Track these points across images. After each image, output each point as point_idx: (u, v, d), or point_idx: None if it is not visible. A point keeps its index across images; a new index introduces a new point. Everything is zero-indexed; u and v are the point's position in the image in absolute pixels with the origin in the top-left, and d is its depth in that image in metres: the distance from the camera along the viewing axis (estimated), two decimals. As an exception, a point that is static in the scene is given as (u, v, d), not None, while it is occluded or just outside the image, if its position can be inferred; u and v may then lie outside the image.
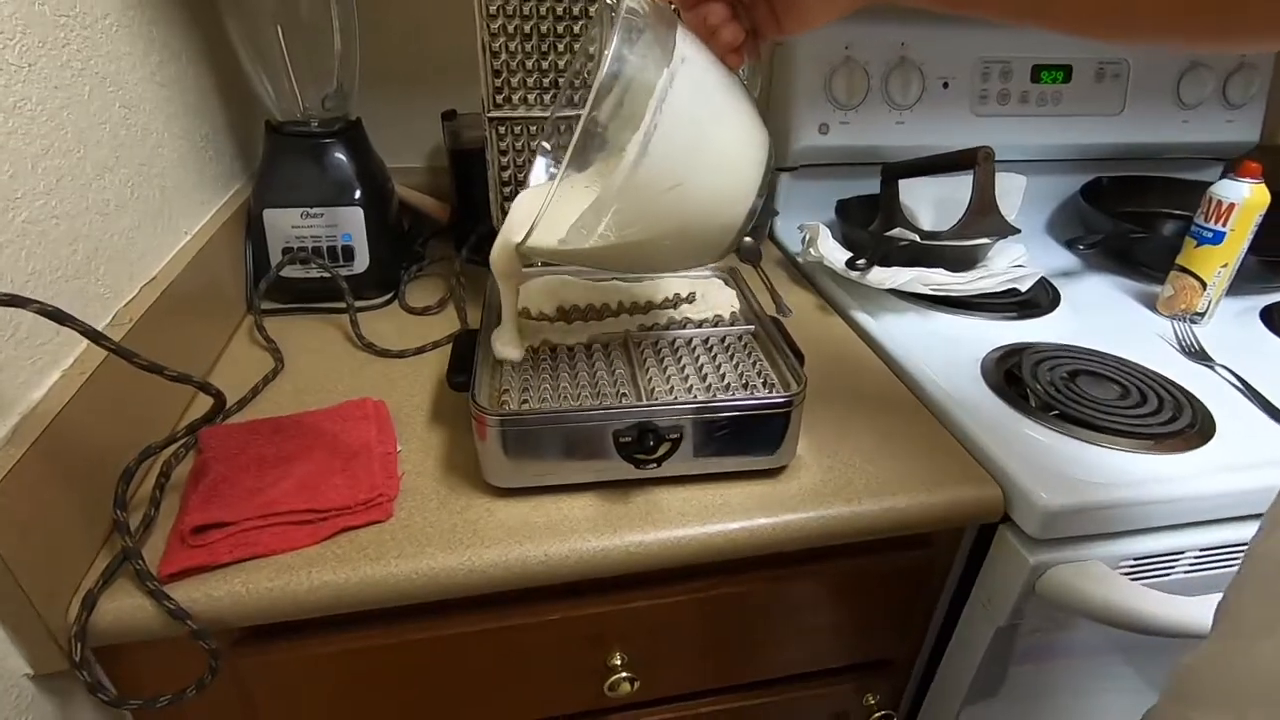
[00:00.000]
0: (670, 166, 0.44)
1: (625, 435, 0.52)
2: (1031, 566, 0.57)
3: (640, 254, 0.51)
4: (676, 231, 0.48)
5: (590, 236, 0.46)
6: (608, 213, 0.45)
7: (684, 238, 0.48)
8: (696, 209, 0.47)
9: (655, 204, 0.45)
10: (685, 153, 0.44)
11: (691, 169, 0.45)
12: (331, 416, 0.61)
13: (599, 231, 0.46)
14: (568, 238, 0.47)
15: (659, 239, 0.48)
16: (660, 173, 0.44)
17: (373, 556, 0.49)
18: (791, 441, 0.56)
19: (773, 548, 0.54)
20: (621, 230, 0.46)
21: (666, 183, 0.44)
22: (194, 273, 0.68)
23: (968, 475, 0.59)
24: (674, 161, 0.44)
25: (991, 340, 0.77)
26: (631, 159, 0.42)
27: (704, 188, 0.46)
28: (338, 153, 0.80)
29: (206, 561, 0.47)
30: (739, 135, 0.47)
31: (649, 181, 0.44)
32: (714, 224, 0.48)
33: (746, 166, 0.47)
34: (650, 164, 0.43)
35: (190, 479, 0.54)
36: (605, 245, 0.47)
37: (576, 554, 0.51)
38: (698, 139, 0.45)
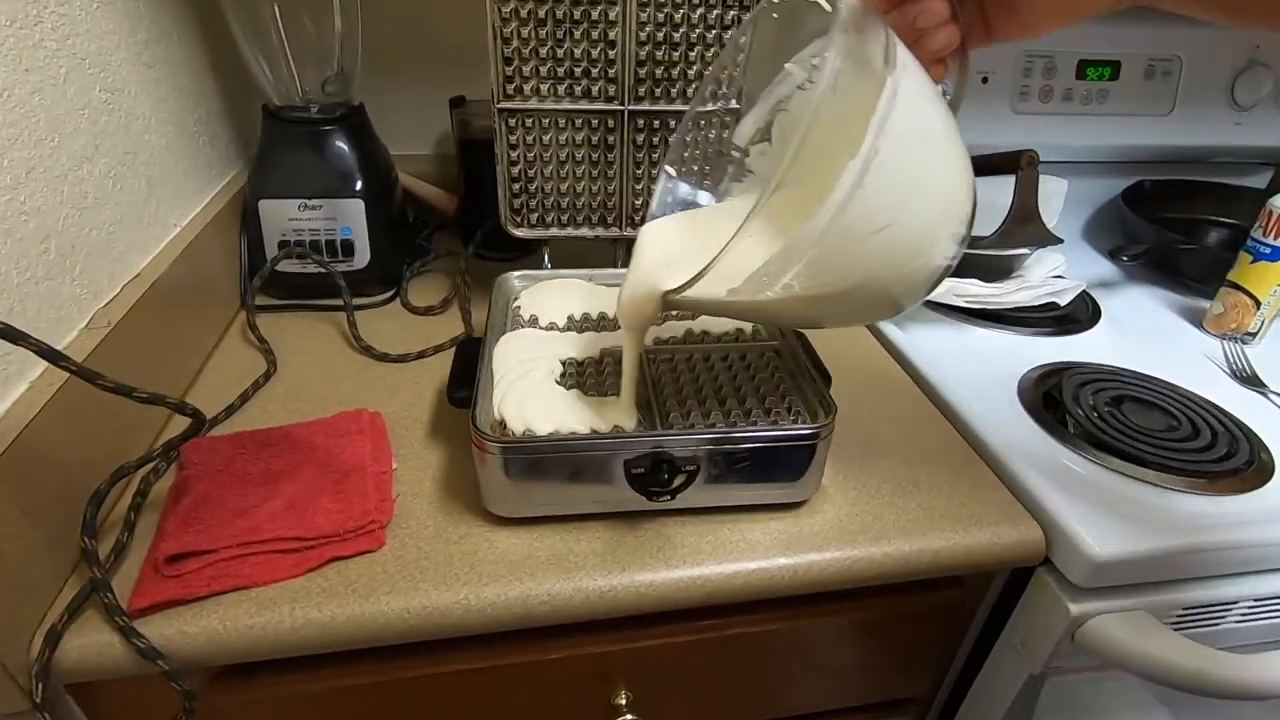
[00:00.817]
0: (886, 202, 0.36)
1: (637, 466, 0.48)
2: (1073, 617, 0.52)
3: (819, 309, 0.42)
4: (875, 281, 0.39)
5: (770, 287, 0.38)
6: (800, 260, 0.36)
7: (880, 289, 0.40)
8: (904, 253, 0.38)
9: (858, 248, 0.37)
10: (905, 185, 0.36)
11: (907, 205, 0.37)
12: (324, 430, 0.57)
13: (783, 282, 0.37)
14: (743, 287, 0.38)
15: (851, 291, 0.39)
16: (872, 210, 0.35)
17: (361, 592, 0.45)
18: (816, 474, 0.52)
19: (794, 590, 0.50)
20: (810, 280, 0.38)
21: (878, 222, 0.36)
22: (183, 268, 0.64)
23: (1006, 513, 0.54)
24: (892, 196, 0.36)
25: (1027, 358, 0.73)
26: (843, 194, 0.34)
27: (916, 228, 0.38)
28: (338, 141, 0.75)
29: (181, 595, 0.44)
30: (957, 162, 0.38)
31: (858, 221, 0.35)
32: (919, 271, 0.40)
33: (962, 200, 0.39)
34: (864, 199, 0.34)
35: (169, 497, 0.50)
36: (783, 298, 0.39)
37: (582, 594, 0.47)
38: (920, 168, 0.37)
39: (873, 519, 0.53)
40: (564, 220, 0.73)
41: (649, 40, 0.66)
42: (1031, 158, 0.75)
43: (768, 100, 0.50)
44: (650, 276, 0.46)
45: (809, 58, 0.46)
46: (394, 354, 0.69)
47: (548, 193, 0.71)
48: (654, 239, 0.50)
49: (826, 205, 0.34)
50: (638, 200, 0.72)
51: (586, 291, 0.67)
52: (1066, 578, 0.52)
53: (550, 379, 0.54)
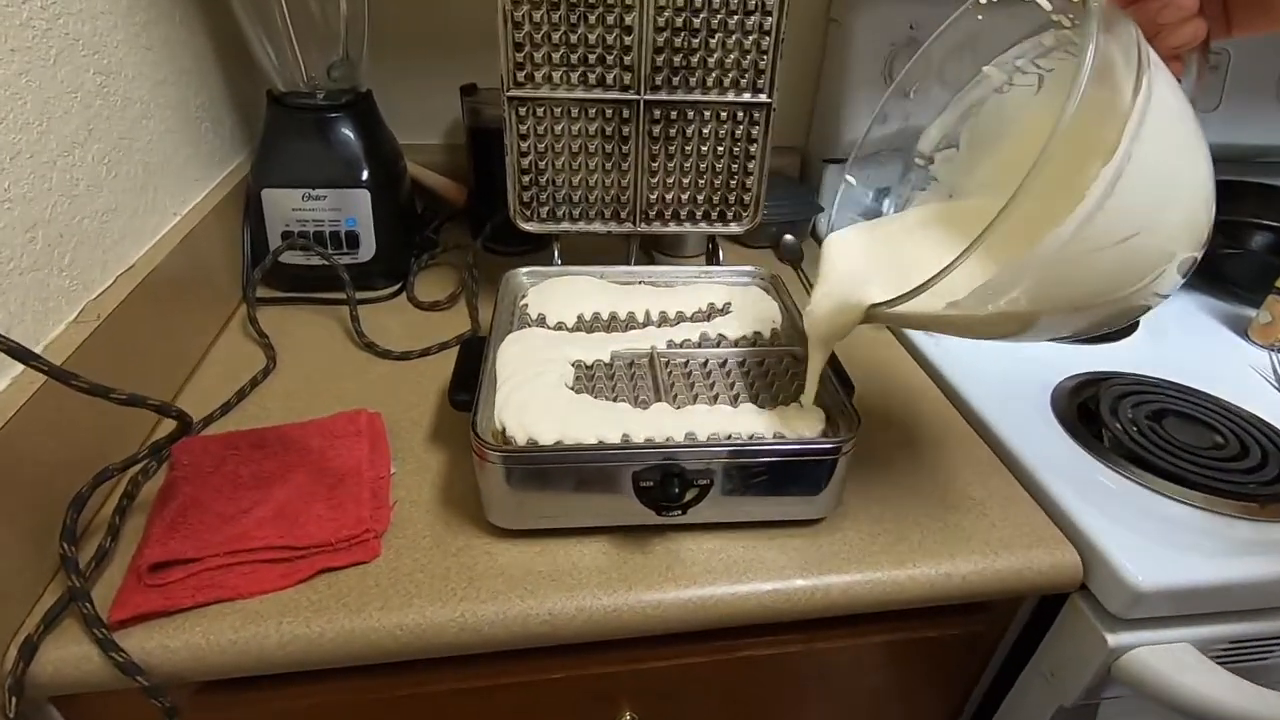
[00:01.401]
0: (1136, 209, 0.33)
1: (647, 479, 0.45)
2: (1110, 648, 0.49)
3: (1036, 323, 0.39)
4: (1110, 292, 0.36)
5: (994, 301, 0.36)
6: (1032, 274, 0.34)
7: (1115, 300, 0.37)
8: (1147, 263, 0.35)
9: (1097, 260, 0.34)
10: (1156, 191, 0.34)
11: (1156, 212, 0.34)
12: (320, 431, 0.54)
13: (1009, 296, 0.36)
14: (965, 301, 0.36)
15: (1082, 303, 0.37)
16: (1121, 218, 0.33)
17: (353, 606, 0.43)
18: (836, 490, 0.49)
19: (810, 614, 0.47)
20: (1039, 292, 0.35)
21: (1123, 231, 0.33)
22: (181, 258, 0.62)
23: (1040, 536, 0.51)
24: (1143, 202, 0.33)
25: (1060, 367, 0.69)
26: (1092, 203, 0.32)
27: (1163, 235, 0.35)
28: (344, 128, 0.73)
29: (163, 606, 0.42)
30: (1204, 164, 0.36)
31: (1104, 231, 0.33)
32: (1158, 281, 0.36)
33: (1207, 201, 0.36)
34: (1114, 207, 0.32)
35: (157, 500, 0.48)
36: (1003, 312, 0.37)
37: (585, 613, 0.44)
38: (1172, 172, 0.35)
39: (896, 539, 0.50)
40: (575, 214, 0.70)
41: (667, 26, 0.63)
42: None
43: (959, 105, 0.47)
44: (847, 289, 0.45)
45: (1011, 60, 0.44)
46: (397, 351, 0.66)
47: (559, 185, 0.68)
48: (842, 250, 0.49)
49: (1075, 214, 0.32)
50: (652, 194, 0.69)
51: (598, 290, 0.64)
52: (1104, 607, 0.49)
53: (558, 383, 0.51)
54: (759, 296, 0.64)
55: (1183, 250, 0.36)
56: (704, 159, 0.68)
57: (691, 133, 0.66)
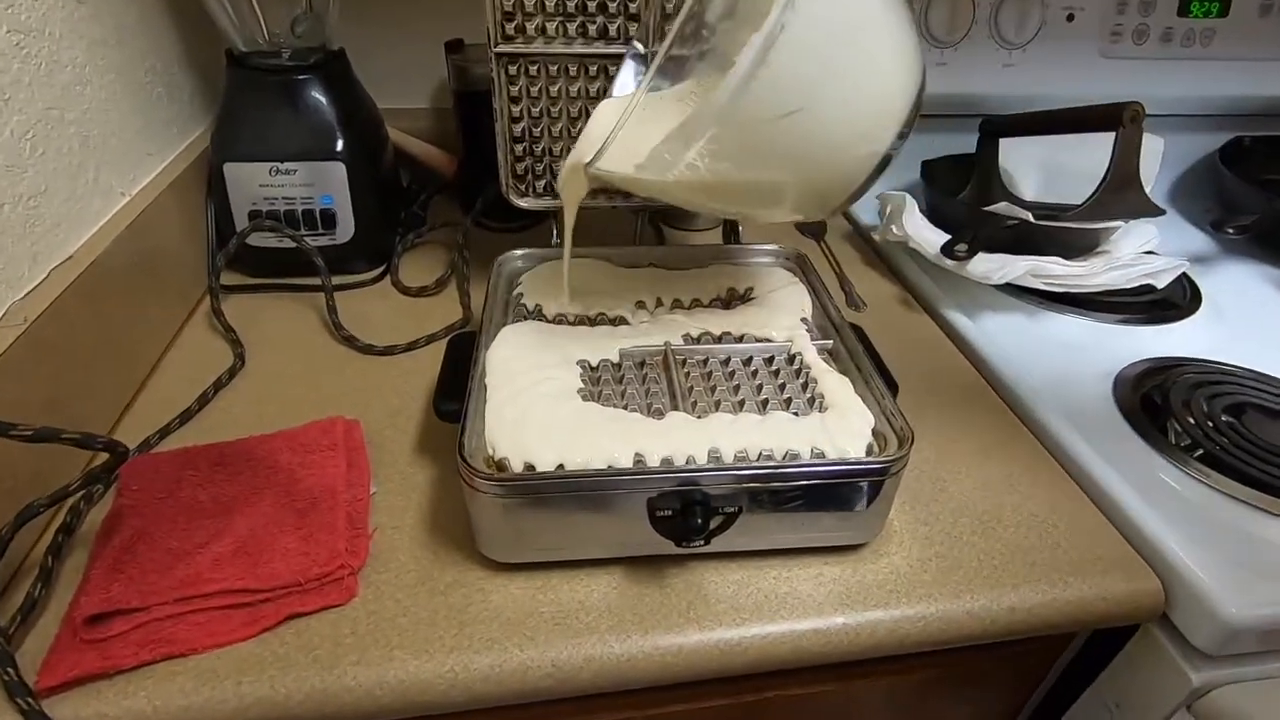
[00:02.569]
0: (793, 85, 0.34)
1: (664, 507, 0.39)
2: (1194, 687, 0.43)
3: (730, 195, 0.42)
4: (783, 172, 0.38)
5: (675, 165, 0.37)
6: (701, 137, 0.36)
7: (790, 182, 0.39)
8: (815, 146, 0.37)
9: (763, 133, 0.35)
10: (816, 68, 0.34)
11: (819, 92, 0.35)
12: (290, 444, 0.48)
13: (686, 160, 0.37)
14: (647, 163, 0.38)
15: (759, 180, 0.39)
16: (779, 92, 0.34)
17: (324, 661, 0.37)
18: (881, 513, 0.43)
19: (853, 656, 0.41)
20: (715, 162, 0.37)
21: (784, 106, 0.34)
22: (132, 245, 0.55)
23: (1112, 558, 0.44)
24: (799, 79, 0.34)
25: (1119, 353, 0.62)
26: (744, 70, 0.32)
27: (831, 119, 0.36)
28: (314, 92, 0.65)
29: (102, 667, 0.36)
30: (888, 53, 0.36)
31: (762, 102, 0.34)
32: (832, 169, 0.38)
33: (890, 96, 0.36)
34: (768, 79, 0.33)
35: (100, 534, 0.42)
36: (691, 179, 0.38)
37: (594, 663, 0.38)
38: (835, 52, 0.35)
39: (950, 565, 0.43)
40: (576, 188, 0.62)
41: (679, -34, 0.54)
42: (1136, 113, 0.62)
43: None
44: (580, 149, 0.46)
45: None
46: (379, 345, 0.59)
47: (556, 154, 0.60)
48: (601, 115, 0.49)
49: (726, 81, 0.33)
50: (663, 164, 0.61)
51: (604, 275, 0.56)
52: (1189, 640, 0.43)
53: (558, 391, 0.44)
54: (785, 280, 0.57)
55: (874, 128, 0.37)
56: (721, 123, 0.60)
57: (707, 92, 0.58)
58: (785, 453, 0.41)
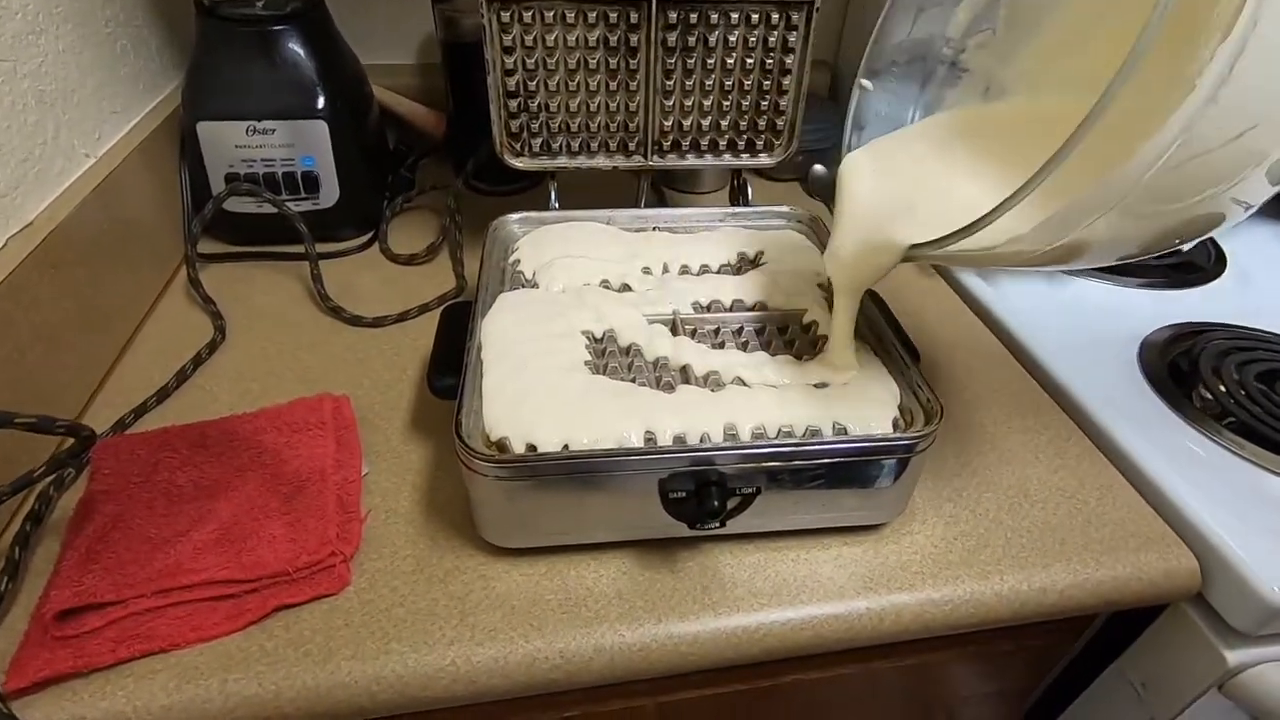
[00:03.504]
0: (1256, 95, 0.26)
1: (677, 489, 0.36)
2: (1229, 667, 0.41)
3: (1106, 248, 0.32)
4: (1210, 199, 0.29)
5: (1069, 233, 0.29)
6: (1119, 196, 0.27)
7: (1211, 210, 0.30)
8: (1256, 158, 0.28)
9: (1201, 167, 0.27)
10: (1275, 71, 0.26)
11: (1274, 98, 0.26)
12: (275, 423, 0.45)
13: (1086, 224, 0.28)
14: (1028, 237, 0.29)
15: (1177, 218, 0.30)
16: (1236, 110, 0.25)
17: (316, 655, 0.35)
18: (905, 492, 0.40)
19: (875, 641, 0.39)
20: (1124, 216, 0.28)
21: (1237, 126, 0.26)
22: (99, 210, 0.51)
23: (1146, 534, 0.42)
24: (1262, 86, 0.26)
25: (1143, 318, 0.59)
26: (1205, 94, 0.24)
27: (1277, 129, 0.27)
28: (293, 44, 0.60)
29: (75, 666, 0.33)
30: None
31: (1215, 129, 0.26)
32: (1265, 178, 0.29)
33: None
34: (1229, 97, 0.25)
35: (72, 522, 0.39)
36: (1075, 242, 0.29)
37: (605, 654, 0.36)
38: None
39: (976, 544, 0.41)
40: (574, 147, 0.58)
41: (684, -99, 0.50)
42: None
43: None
44: (877, 224, 0.38)
45: None
46: (368, 316, 0.56)
47: (553, 111, 0.56)
48: (865, 175, 0.41)
49: (1181, 111, 0.25)
50: (667, 120, 0.57)
51: (605, 239, 0.53)
52: (1225, 619, 0.41)
53: (560, 365, 0.41)
54: (797, 243, 0.54)
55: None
56: (730, 75, 0.56)
57: (715, 41, 0.54)
58: (805, 429, 0.38)
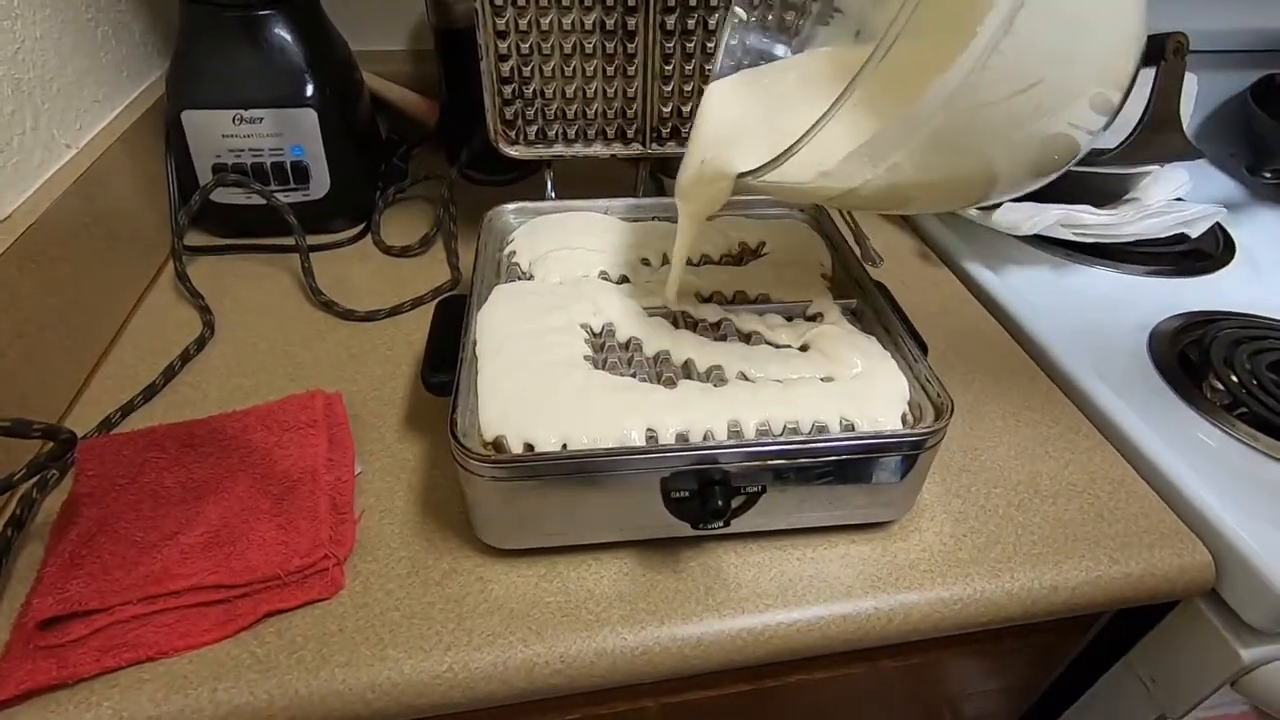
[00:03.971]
0: (1037, 52, 0.27)
1: (679, 489, 0.35)
2: (1244, 664, 0.40)
3: (916, 193, 0.34)
4: (1001, 156, 0.31)
5: (874, 168, 0.30)
6: (920, 132, 0.29)
7: (999, 170, 0.32)
8: (1045, 121, 0.30)
9: (986, 116, 0.29)
10: (1063, 30, 0.28)
11: (1064, 55, 0.28)
12: (265, 421, 0.43)
13: (891, 161, 0.30)
14: (836, 170, 0.30)
15: (964, 172, 0.32)
16: (1020, 63, 0.27)
17: (309, 662, 0.34)
18: (914, 488, 0.39)
19: (884, 642, 0.38)
20: (925, 156, 0.30)
21: (1023, 79, 0.28)
22: (81, 203, 0.50)
23: (1160, 530, 0.41)
24: (1044, 44, 0.27)
25: (1151, 307, 0.58)
26: (985, 41, 0.26)
27: (1068, 89, 0.29)
28: (279, 30, 0.59)
29: (59, 677, 0.32)
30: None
31: (999, 78, 0.27)
32: (1059, 144, 0.31)
33: (1128, 52, 0.30)
34: (1012, 49, 0.26)
35: (56, 525, 0.38)
36: (885, 182, 0.31)
37: (607, 658, 0.35)
38: (1082, 6, 0.28)
39: (987, 541, 0.40)
40: (571, 134, 0.57)
41: (683, -122, 0.48)
42: (1180, 44, 0.57)
43: None
44: (719, 152, 0.38)
45: None
46: (361, 310, 0.55)
47: (549, 98, 0.55)
48: (722, 103, 0.42)
49: (963, 57, 0.26)
50: (666, 107, 0.56)
51: (603, 229, 0.52)
52: (1239, 616, 0.40)
53: (557, 360, 0.40)
54: (801, 233, 0.52)
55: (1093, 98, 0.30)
56: (730, 59, 0.54)
57: (715, 24, 0.52)
58: (812, 425, 0.37)
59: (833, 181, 0.31)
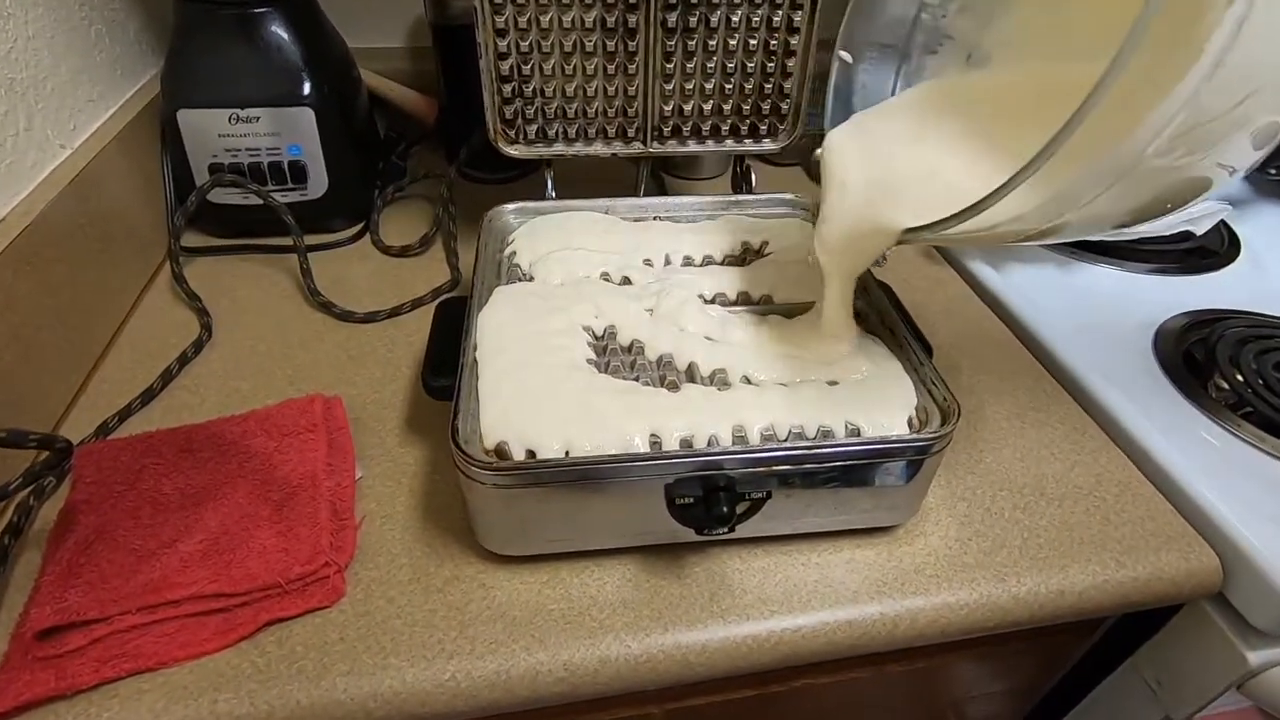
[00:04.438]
0: (1258, 61, 0.24)
1: (683, 495, 0.35)
2: (1250, 668, 0.40)
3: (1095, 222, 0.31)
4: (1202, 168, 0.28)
5: (1071, 209, 0.27)
6: (1124, 169, 0.25)
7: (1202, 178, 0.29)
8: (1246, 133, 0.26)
9: (1205, 133, 0.25)
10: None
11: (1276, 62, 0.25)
12: (264, 426, 0.43)
13: (1088, 199, 0.27)
14: (1029, 215, 0.27)
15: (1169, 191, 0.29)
16: (1239, 77, 0.24)
17: (310, 672, 0.33)
18: (919, 492, 0.39)
19: (890, 647, 0.38)
20: (1127, 189, 0.27)
21: (1240, 90, 0.24)
22: (76, 204, 0.49)
23: (1166, 532, 0.41)
24: (1266, 51, 0.24)
25: (1156, 306, 0.58)
26: (1211, 60, 0.22)
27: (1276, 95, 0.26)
28: (275, 28, 0.58)
29: (57, 688, 0.32)
30: None
31: (1219, 97, 0.24)
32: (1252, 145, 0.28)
33: None
34: (1235, 63, 0.23)
35: (53, 534, 0.37)
36: (1074, 220, 0.28)
37: (610, 666, 0.35)
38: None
39: (992, 546, 0.40)
40: (571, 133, 0.56)
41: (684, -127, 0.47)
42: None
43: None
44: (867, 206, 0.36)
45: None
46: (360, 312, 0.54)
47: (549, 96, 0.54)
48: (849, 154, 0.39)
49: (1187, 79, 0.23)
50: (667, 105, 0.55)
51: (604, 229, 0.51)
52: (1246, 619, 0.40)
53: (559, 363, 0.39)
54: (803, 232, 0.52)
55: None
56: (732, 56, 0.53)
57: (717, 21, 0.52)
58: (817, 430, 0.37)
59: (1022, 224, 0.28)
